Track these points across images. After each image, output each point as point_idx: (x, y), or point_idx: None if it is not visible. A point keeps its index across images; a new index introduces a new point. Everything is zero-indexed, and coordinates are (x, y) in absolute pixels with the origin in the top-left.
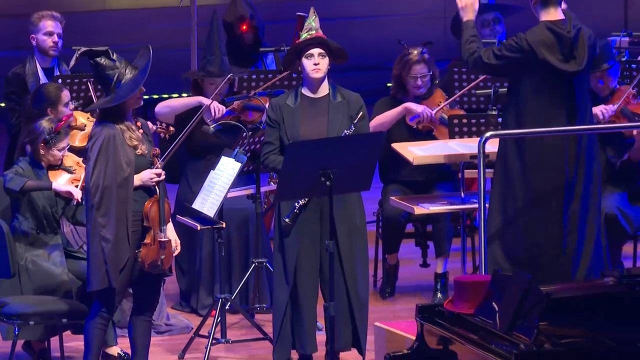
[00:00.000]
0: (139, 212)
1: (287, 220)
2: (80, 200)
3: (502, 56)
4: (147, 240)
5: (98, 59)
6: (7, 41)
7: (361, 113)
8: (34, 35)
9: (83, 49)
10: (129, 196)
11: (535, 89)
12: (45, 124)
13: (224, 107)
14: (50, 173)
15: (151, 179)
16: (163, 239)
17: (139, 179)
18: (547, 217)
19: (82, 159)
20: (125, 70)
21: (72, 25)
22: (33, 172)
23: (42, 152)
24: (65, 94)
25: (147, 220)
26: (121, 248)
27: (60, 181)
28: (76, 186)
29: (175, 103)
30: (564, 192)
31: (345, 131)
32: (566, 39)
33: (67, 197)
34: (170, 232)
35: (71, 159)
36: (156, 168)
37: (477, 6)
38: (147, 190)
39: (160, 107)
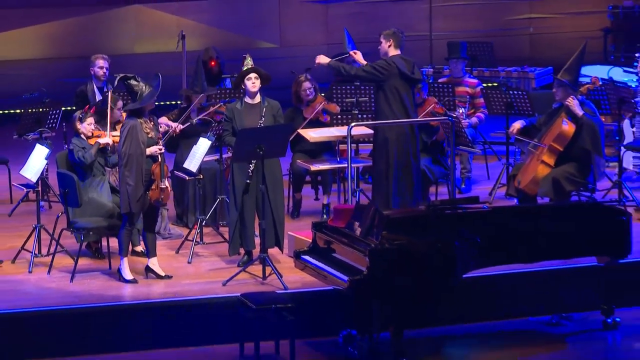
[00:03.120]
0: (148, 170)
1: (248, 181)
2: (109, 147)
3: (374, 67)
4: (153, 187)
5: (129, 81)
6: (75, 72)
7: (279, 112)
8: (92, 68)
9: (121, 75)
10: (143, 160)
11: (398, 91)
12: (77, 113)
13: (181, 125)
14: (89, 140)
15: (156, 151)
16: (162, 186)
17: (149, 151)
18: (405, 178)
19: (103, 131)
20: (145, 87)
21: (113, 62)
22: (79, 141)
23: (78, 126)
24: (120, 102)
25: (153, 175)
26: (138, 190)
27: (94, 143)
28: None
29: (164, 121)
30: (412, 159)
31: (261, 122)
32: (410, 63)
33: (104, 147)
34: (168, 182)
35: (98, 132)
36: (159, 146)
37: (323, 57)
38: (153, 158)
39: (161, 120)
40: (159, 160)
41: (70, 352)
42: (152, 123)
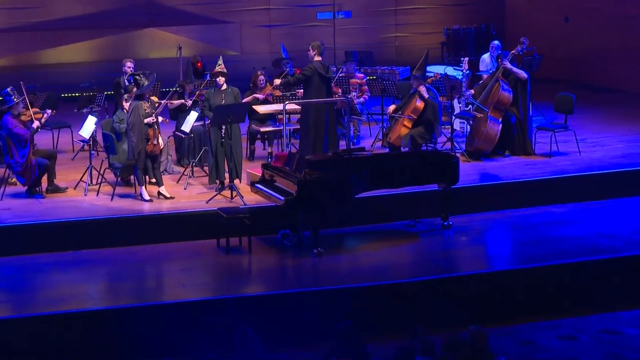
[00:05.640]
0: (146, 132)
1: (222, 140)
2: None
3: (302, 73)
4: (149, 143)
5: (136, 76)
6: (112, 69)
7: (238, 95)
8: (123, 67)
9: (130, 72)
10: (142, 126)
11: (317, 85)
12: (125, 95)
13: (190, 102)
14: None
15: (150, 121)
16: (155, 143)
17: (146, 120)
18: (319, 135)
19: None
20: (145, 81)
21: (135, 64)
22: (122, 113)
23: (124, 104)
24: (135, 89)
25: (149, 136)
26: (139, 145)
27: None
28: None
29: (176, 103)
30: (325, 127)
31: (224, 101)
32: (325, 65)
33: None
34: (161, 140)
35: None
36: (152, 117)
37: (277, 80)
38: (150, 125)
39: (174, 103)
40: (153, 126)
41: (111, 244)
42: (149, 103)
